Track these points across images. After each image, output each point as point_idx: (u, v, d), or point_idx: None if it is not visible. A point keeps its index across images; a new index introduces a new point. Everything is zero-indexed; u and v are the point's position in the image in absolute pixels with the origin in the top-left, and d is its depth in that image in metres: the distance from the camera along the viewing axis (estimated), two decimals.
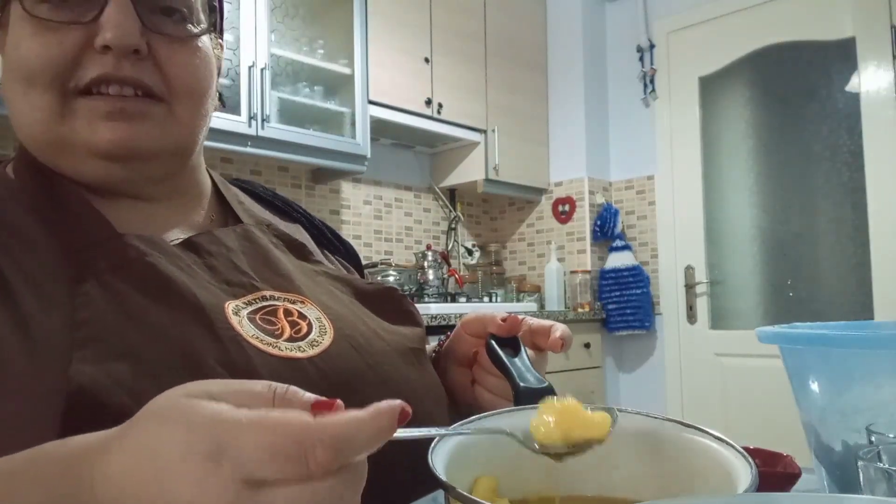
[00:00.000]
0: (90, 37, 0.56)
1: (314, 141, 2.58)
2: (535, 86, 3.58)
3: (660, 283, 3.45)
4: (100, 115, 0.56)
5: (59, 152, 0.58)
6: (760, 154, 3.21)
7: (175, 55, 0.59)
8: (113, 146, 0.57)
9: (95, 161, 0.58)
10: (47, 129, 0.57)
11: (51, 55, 0.55)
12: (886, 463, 0.36)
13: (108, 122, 0.56)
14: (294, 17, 2.68)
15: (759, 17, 3.17)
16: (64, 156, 0.58)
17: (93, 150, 0.57)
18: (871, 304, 2.86)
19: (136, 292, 0.53)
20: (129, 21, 0.56)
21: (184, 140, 0.63)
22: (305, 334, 0.58)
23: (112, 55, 0.56)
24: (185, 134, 0.62)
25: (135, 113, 0.57)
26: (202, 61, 0.62)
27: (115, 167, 0.59)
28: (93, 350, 0.48)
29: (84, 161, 0.58)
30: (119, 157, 0.58)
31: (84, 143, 0.57)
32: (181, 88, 0.60)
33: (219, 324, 0.54)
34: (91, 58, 0.56)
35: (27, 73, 0.56)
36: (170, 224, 0.64)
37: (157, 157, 0.61)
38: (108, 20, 0.55)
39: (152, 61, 0.58)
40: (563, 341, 0.64)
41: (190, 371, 0.50)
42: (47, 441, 0.45)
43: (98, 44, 0.55)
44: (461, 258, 3.58)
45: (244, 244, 0.65)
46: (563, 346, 0.64)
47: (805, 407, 0.49)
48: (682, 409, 3.34)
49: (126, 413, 0.46)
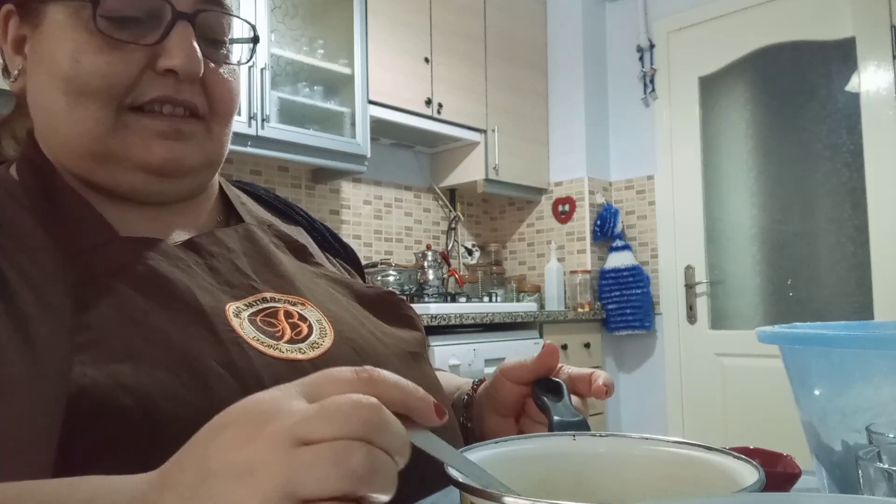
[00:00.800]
0: (153, 58, 0.58)
1: (314, 141, 2.58)
2: (535, 86, 3.58)
3: (660, 283, 3.45)
4: (154, 134, 0.59)
5: (102, 163, 0.59)
6: (760, 154, 3.21)
7: (221, 80, 0.63)
8: (165, 163, 0.59)
9: (141, 175, 0.60)
10: (96, 142, 0.58)
11: (117, 73, 0.57)
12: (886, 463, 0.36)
13: (163, 141, 0.59)
14: (294, 17, 2.68)
15: (759, 17, 3.17)
16: (106, 167, 0.59)
17: (144, 166, 0.59)
18: (871, 304, 2.86)
19: (136, 295, 0.53)
20: (195, 49, 0.59)
21: (216, 155, 0.65)
22: (306, 336, 0.59)
23: (174, 78, 0.58)
24: (218, 150, 0.65)
25: (186, 133, 0.60)
26: (237, 84, 0.66)
27: (155, 181, 0.61)
28: (94, 353, 0.48)
29: (128, 173, 0.60)
30: (166, 173, 0.60)
31: (136, 158, 0.59)
32: (221, 110, 0.63)
33: (219, 325, 0.54)
34: (151, 78, 0.58)
35: (84, 88, 0.57)
36: (174, 226, 0.64)
37: (196, 173, 0.63)
38: (178, 47, 0.58)
39: (200, 84, 0.61)
40: (607, 388, 0.65)
41: (191, 373, 0.50)
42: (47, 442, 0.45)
43: (163, 66, 0.58)
44: (461, 258, 3.58)
45: (245, 245, 0.65)
46: (606, 393, 0.65)
47: (805, 407, 0.49)
48: (682, 409, 3.34)
49: (128, 415, 0.46)
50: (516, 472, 0.44)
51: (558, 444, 0.47)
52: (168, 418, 0.47)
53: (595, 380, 0.65)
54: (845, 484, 0.46)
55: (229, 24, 0.65)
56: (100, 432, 0.46)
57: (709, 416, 3.24)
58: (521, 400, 0.68)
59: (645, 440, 0.46)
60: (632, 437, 0.47)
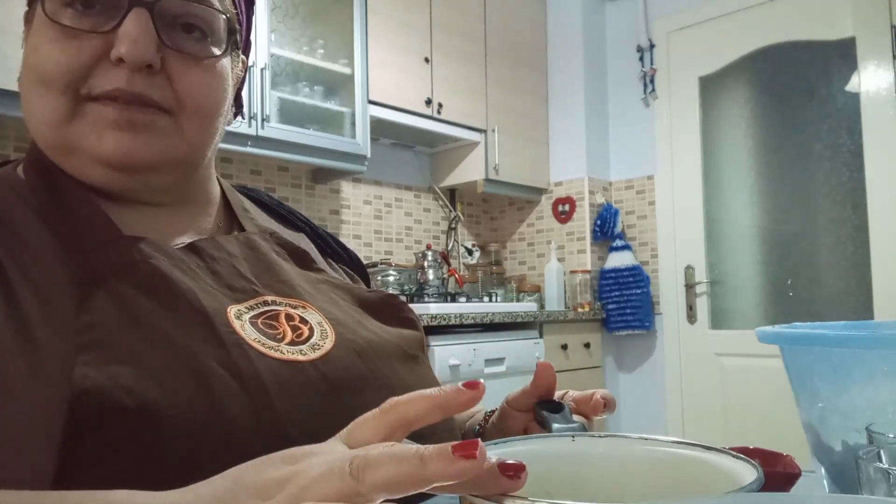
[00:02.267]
0: (108, 46, 0.56)
1: (314, 141, 2.58)
2: (535, 86, 3.58)
3: (660, 282, 3.45)
4: (107, 124, 0.56)
5: (66, 155, 0.59)
6: (760, 154, 3.21)
7: (189, 73, 0.59)
8: (116, 156, 0.57)
9: (98, 167, 0.58)
10: (56, 131, 0.57)
11: (69, 62, 0.56)
12: (886, 463, 0.36)
13: (114, 132, 0.56)
14: (294, 16, 2.68)
15: (759, 17, 3.17)
16: (70, 159, 0.59)
17: (96, 158, 0.57)
18: (871, 304, 2.86)
19: (139, 295, 0.53)
20: (145, 36, 0.56)
21: (188, 155, 0.62)
22: (307, 338, 0.59)
23: (125, 68, 0.56)
24: (189, 149, 0.62)
25: (140, 123, 0.57)
26: (216, 80, 0.62)
27: (116, 175, 0.59)
28: (96, 353, 0.48)
29: (87, 166, 0.58)
30: (121, 166, 0.58)
31: (88, 149, 0.57)
32: (191, 106, 0.60)
33: (221, 327, 0.54)
34: (105, 67, 0.56)
35: (43, 77, 0.56)
36: (176, 230, 0.64)
37: (160, 169, 0.61)
38: (126, 34, 0.55)
39: (164, 75, 0.58)
40: (605, 401, 0.65)
41: (192, 374, 0.50)
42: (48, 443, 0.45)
43: (113, 56, 0.56)
44: (461, 258, 3.58)
45: (246, 251, 0.65)
46: (605, 406, 0.66)
47: (805, 407, 0.49)
48: (682, 408, 3.34)
49: (129, 416, 0.46)
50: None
51: (557, 445, 0.47)
52: (169, 419, 0.47)
53: (594, 396, 0.66)
54: (845, 484, 0.46)
55: (211, 16, 0.61)
56: (101, 433, 0.46)
57: (709, 416, 3.24)
58: (527, 428, 0.69)
59: (644, 440, 0.46)
60: (631, 438, 0.47)
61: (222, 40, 0.62)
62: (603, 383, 3.38)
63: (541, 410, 0.65)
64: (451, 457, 0.32)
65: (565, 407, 0.65)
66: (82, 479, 0.45)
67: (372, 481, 0.32)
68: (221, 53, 0.62)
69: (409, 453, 0.33)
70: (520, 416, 0.69)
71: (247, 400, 0.50)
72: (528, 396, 0.68)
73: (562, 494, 0.45)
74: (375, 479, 0.32)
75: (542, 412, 0.64)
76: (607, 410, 0.66)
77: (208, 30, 0.61)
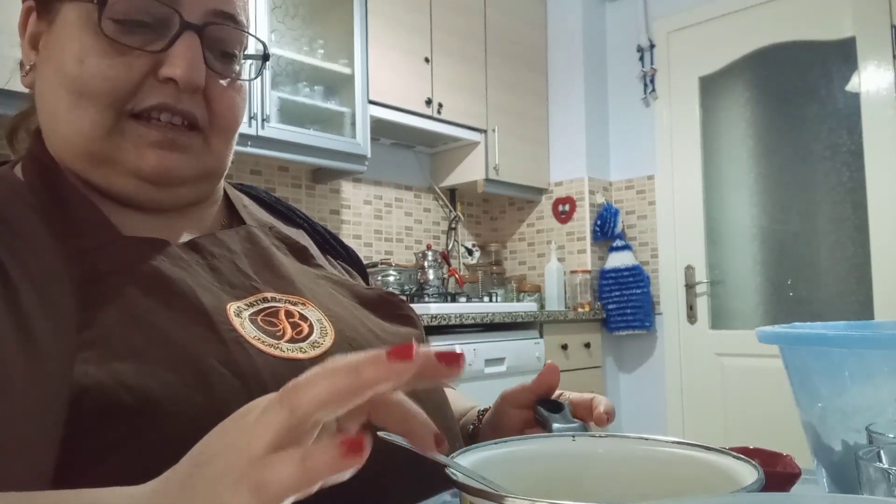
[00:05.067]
0: (155, 65, 0.58)
1: (314, 141, 2.57)
2: (535, 86, 3.58)
3: (660, 282, 3.45)
4: (149, 143, 0.58)
5: (97, 165, 0.59)
6: (760, 154, 3.21)
7: (224, 95, 0.63)
8: (156, 172, 0.59)
9: (133, 181, 0.60)
10: (91, 144, 0.58)
11: (118, 77, 0.57)
12: (886, 463, 0.36)
13: (156, 150, 0.59)
14: (294, 16, 2.68)
15: (759, 17, 3.17)
16: (101, 170, 0.59)
17: (136, 173, 0.59)
18: (871, 304, 2.86)
19: (139, 295, 0.53)
20: (199, 60, 0.59)
21: (215, 169, 0.65)
22: (307, 335, 0.59)
23: (175, 87, 0.58)
24: (216, 163, 0.65)
25: (180, 144, 0.60)
26: (243, 100, 0.66)
27: (147, 188, 0.60)
28: (97, 351, 0.48)
29: (121, 178, 0.60)
30: (157, 181, 0.60)
31: (129, 164, 0.58)
32: (221, 124, 0.63)
33: (221, 325, 0.54)
34: (152, 85, 0.58)
35: (85, 89, 0.57)
36: (177, 228, 0.64)
37: (190, 184, 0.63)
38: (181, 56, 0.58)
39: (202, 96, 0.61)
40: (608, 415, 0.66)
41: (192, 372, 0.50)
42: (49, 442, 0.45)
43: (164, 75, 0.57)
44: (461, 258, 3.58)
45: (246, 246, 0.65)
46: (608, 420, 0.66)
47: (805, 407, 0.49)
48: (682, 409, 3.34)
49: (130, 414, 0.46)
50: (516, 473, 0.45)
51: (558, 445, 0.47)
52: (169, 417, 0.47)
53: (596, 406, 0.66)
54: (845, 484, 0.46)
55: (241, 38, 0.64)
56: (102, 431, 0.46)
57: (709, 416, 3.24)
58: (524, 426, 0.69)
59: (644, 440, 0.47)
60: (631, 438, 0.47)
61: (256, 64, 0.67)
62: (603, 383, 3.37)
63: (541, 409, 0.65)
64: (385, 361, 0.31)
65: (565, 407, 0.65)
66: (83, 478, 0.45)
67: (307, 401, 0.31)
68: (255, 76, 0.67)
69: (341, 365, 0.31)
70: (516, 413, 0.69)
71: (246, 398, 0.50)
72: (527, 393, 0.68)
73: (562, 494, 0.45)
74: (310, 398, 0.31)
75: (543, 411, 0.65)
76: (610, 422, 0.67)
77: (240, 52, 0.64)
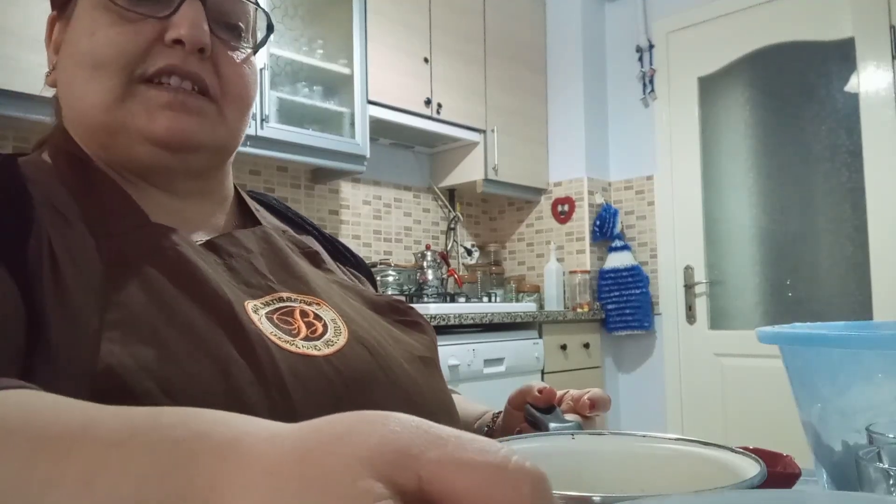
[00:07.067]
0: (162, 31, 0.60)
1: (313, 141, 2.57)
2: (535, 86, 3.58)
3: (659, 283, 3.45)
4: (160, 105, 0.60)
5: (113, 135, 0.61)
6: (760, 154, 3.21)
7: (231, 63, 0.64)
8: (169, 134, 0.60)
9: (147, 147, 0.61)
10: (106, 112, 0.60)
11: (126, 43, 0.59)
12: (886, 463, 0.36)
13: (167, 112, 0.60)
14: (294, 16, 2.68)
15: (759, 17, 3.17)
16: (117, 139, 0.61)
17: (148, 136, 0.60)
18: (871, 304, 2.86)
19: (166, 281, 0.54)
20: (202, 21, 0.61)
21: (227, 140, 0.66)
22: (321, 334, 0.60)
23: (181, 49, 0.60)
24: (229, 135, 0.66)
25: (191, 107, 0.61)
26: (252, 73, 0.67)
27: (163, 154, 0.61)
28: (122, 331, 0.49)
29: (135, 145, 0.61)
30: (171, 145, 0.61)
31: (141, 128, 0.60)
32: (233, 92, 0.64)
33: (242, 317, 0.55)
34: (160, 50, 0.60)
35: (97, 60, 0.59)
36: (195, 223, 0.66)
37: (203, 151, 0.64)
38: (184, 18, 0.60)
39: (211, 63, 0.63)
40: (591, 401, 0.67)
41: (212, 360, 0.51)
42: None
43: (170, 37, 0.60)
44: (460, 258, 3.58)
45: (262, 246, 0.67)
46: (594, 406, 0.67)
47: (805, 407, 0.49)
48: (682, 409, 3.34)
49: (149, 398, 0.47)
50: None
51: (557, 444, 0.47)
52: (187, 404, 0.48)
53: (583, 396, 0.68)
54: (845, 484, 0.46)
55: (245, 11, 0.66)
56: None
57: (708, 417, 3.24)
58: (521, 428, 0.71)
59: (644, 437, 0.47)
60: (631, 435, 0.47)
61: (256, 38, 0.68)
62: (602, 384, 3.37)
63: (531, 409, 0.66)
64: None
65: (556, 407, 0.66)
66: None
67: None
68: (256, 47, 0.68)
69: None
70: (517, 415, 0.71)
71: (264, 390, 0.52)
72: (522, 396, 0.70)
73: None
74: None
75: (534, 411, 0.65)
76: (598, 409, 0.68)
77: (245, 29, 0.66)
